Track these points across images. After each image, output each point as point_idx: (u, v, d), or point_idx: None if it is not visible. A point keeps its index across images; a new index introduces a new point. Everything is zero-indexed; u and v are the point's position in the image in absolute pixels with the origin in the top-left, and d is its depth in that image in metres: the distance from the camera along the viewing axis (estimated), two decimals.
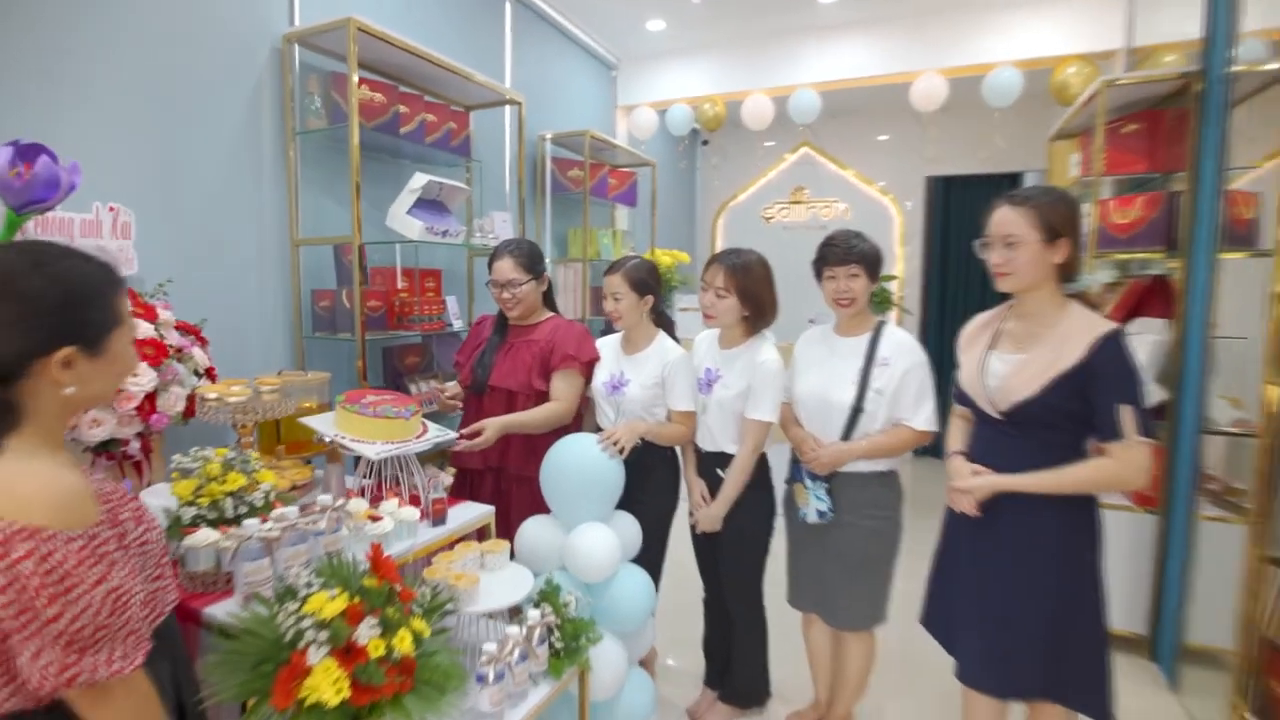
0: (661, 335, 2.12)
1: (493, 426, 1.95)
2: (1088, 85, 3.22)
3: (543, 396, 2.10)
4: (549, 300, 2.25)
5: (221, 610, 1.31)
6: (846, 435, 1.89)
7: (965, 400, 1.65)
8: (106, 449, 1.60)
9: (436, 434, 1.90)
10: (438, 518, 1.75)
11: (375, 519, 1.54)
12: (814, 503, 1.95)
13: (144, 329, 1.65)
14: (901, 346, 1.89)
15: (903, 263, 5.45)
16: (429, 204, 2.60)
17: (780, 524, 2.10)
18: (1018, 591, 1.51)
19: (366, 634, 1.19)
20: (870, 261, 1.88)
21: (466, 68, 2.62)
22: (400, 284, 2.45)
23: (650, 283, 2.05)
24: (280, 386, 1.83)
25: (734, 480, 1.98)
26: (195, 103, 1.98)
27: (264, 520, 1.39)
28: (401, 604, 1.31)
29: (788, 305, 2.11)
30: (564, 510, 1.93)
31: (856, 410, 1.88)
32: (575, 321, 2.20)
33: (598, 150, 3.94)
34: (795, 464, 2.02)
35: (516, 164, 2.99)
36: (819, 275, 1.96)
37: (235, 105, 2.10)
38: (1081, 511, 1.51)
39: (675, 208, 5.68)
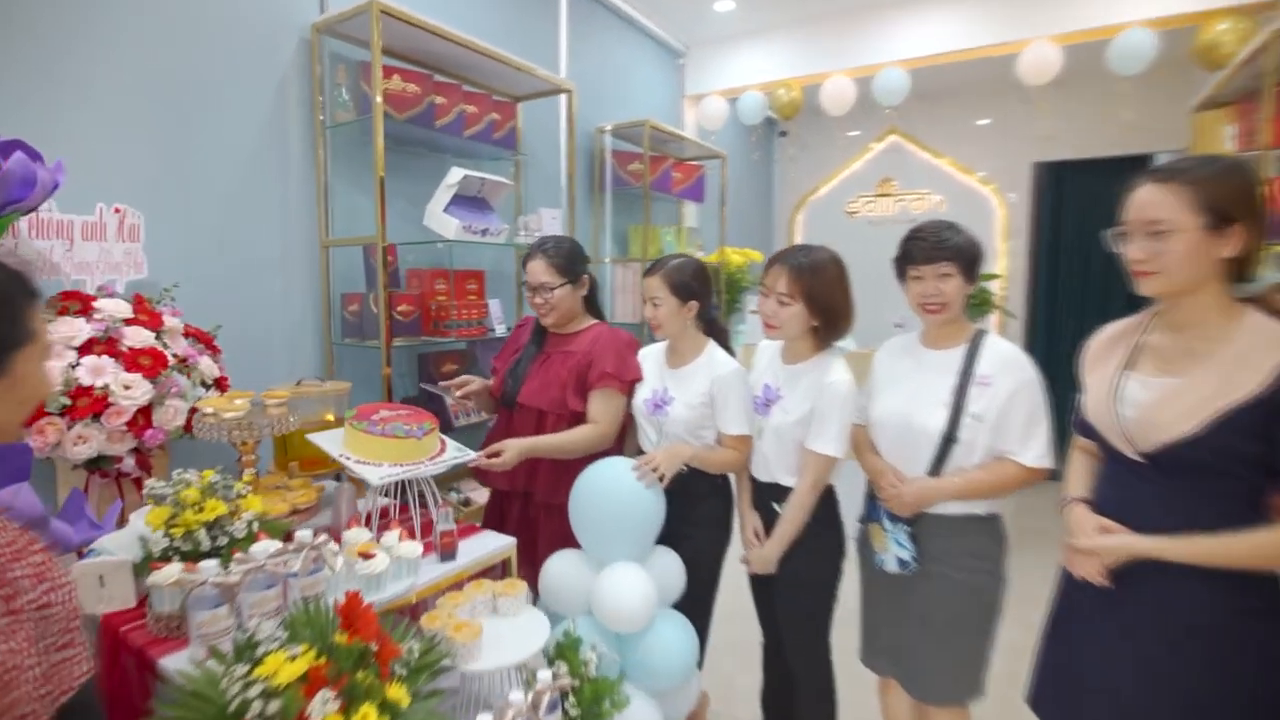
0: (711, 346, 1.83)
1: (513, 449, 1.73)
2: (1244, 44, 2.67)
3: (578, 417, 1.87)
4: (593, 306, 2.01)
5: (179, 661, 1.14)
6: (936, 470, 1.55)
7: (1090, 433, 1.28)
8: (98, 466, 1.49)
9: (454, 454, 1.70)
10: (446, 552, 1.55)
11: (367, 556, 1.35)
12: (893, 549, 1.61)
13: (143, 337, 1.54)
14: (1006, 362, 1.53)
15: (1005, 260, 4.88)
16: (469, 201, 2.43)
17: (853, 567, 1.77)
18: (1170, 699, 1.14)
19: (320, 710, 0.99)
20: (965, 258, 1.53)
21: (510, 55, 2.43)
22: (438, 286, 2.28)
23: (694, 286, 1.77)
24: (287, 399, 1.68)
25: (790, 519, 1.67)
26: (216, 98, 1.88)
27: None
28: (380, 665, 1.10)
29: (875, 311, 1.78)
30: (594, 546, 1.68)
31: (948, 439, 1.52)
32: (620, 331, 1.95)
33: (661, 142, 3.69)
34: (871, 500, 1.69)
35: (562, 156, 2.78)
36: (902, 275, 1.63)
37: (260, 99, 1.99)
38: (1259, 591, 1.11)
39: (749, 203, 5.33)
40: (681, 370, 1.83)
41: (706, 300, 1.81)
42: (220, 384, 1.74)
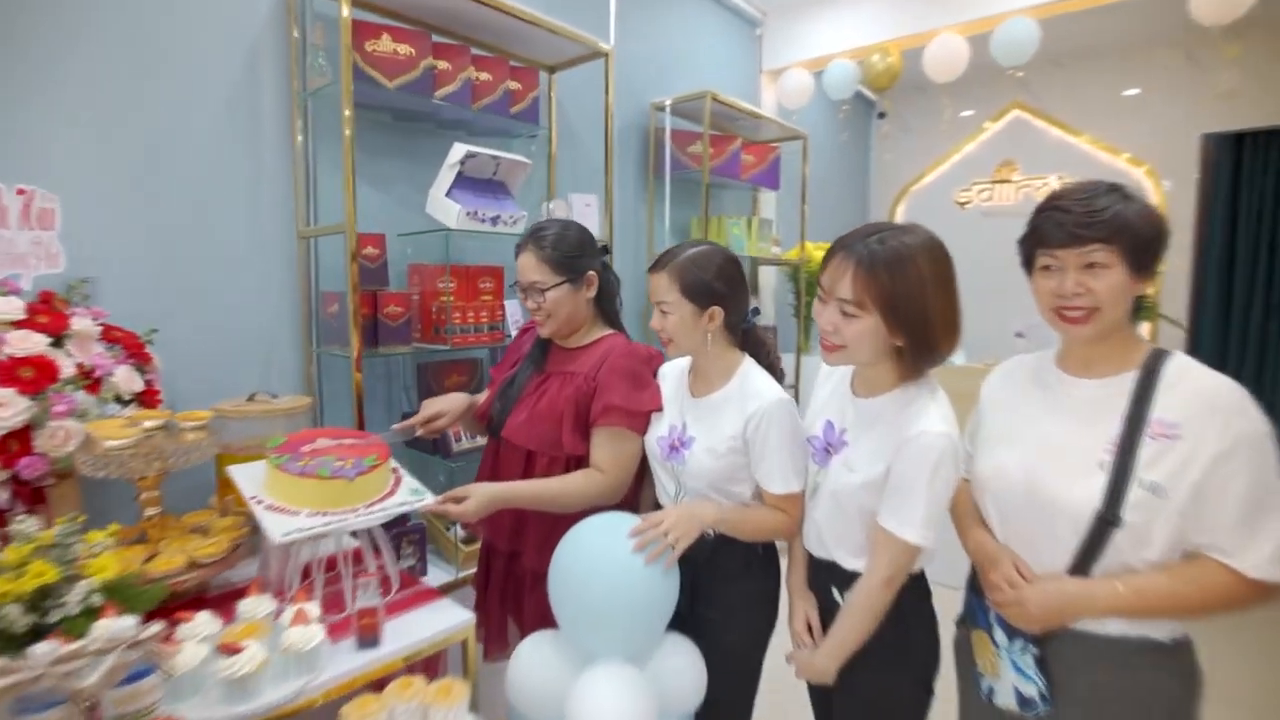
0: (747, 367, 1.35)
1: (479, 496, 1.32)
2: None
3: (579, 462, 1.44)
4: (607, 312, 1.57)
5: None
6: (1084, 565, 1.00)
7: None
8: None
9: (405, 498, 1.31)
10: (365, 638, 1.16)
11: (231, 650, 0.98)
12: (1010, 675, 1.08)
13: (30, 343, 1.26)
14: (1209, 402, 0.96)
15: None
16: (480, 184, 2.06)
17: (947, 687, 1.24)
18: None
19: None
20: (1134, 237, 0.97)
21: (533, 11, 2.04)
22: (441, 285, 1.93)
23: (717, 286, 1.29)
24: (208, 422, 1.36)
25: (851, 625, 1.15)
26: (172, 62, 1.60)
27: (67, 641, 0.89)
28: None
29: (992, 319, 1.25)
30: (577, 633, 1.25)
31: (1106, 521, 0.97)
32: (637, 345, 1.50)
33: (728, 119, 3.20)
34: (976, 595, 1.16)
35: (604, 133, 2.36)
36: (1029, 264, 1.09)
37: (226, 64, 1.70)
38: None
39: (837, 191, 4.71)
40: (706, 401, 1.35)
41: (737, 305, 1.33)
42: (146, 399, 1.44)
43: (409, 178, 2.07)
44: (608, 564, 1.20)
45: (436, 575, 1.95)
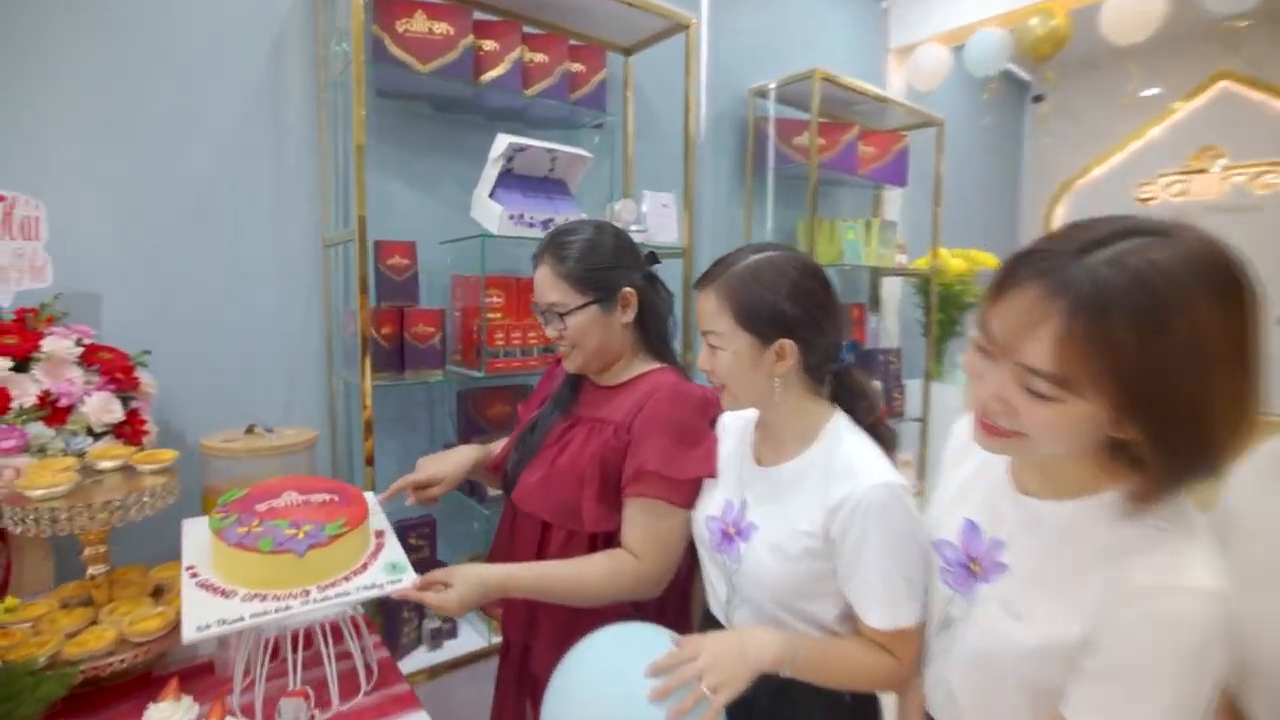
0: (839, 429, 0.94)
1: (465, 582, 1.00)
2: None
3: (606, 539, 1.10)
4: (653, 340, 1.20)
5: None
6: None
7: None
8: None
9: (374, 580, 1.02)
10: None
11: None
12: None
13: None
14: None
15: None
16: (532, 183, 1.78)
17: None
18: None
19: None
20: None
21: None
22: (490, 298, 1.66)
23: (787, 311, 0.90)
24: (170, 464, 1.15)
25: None
26: (185, 55, 1.44)
27: None
28: None
29: None
30: None
31: None
32: (688, 386, 1.13)
33: (842, 104, 2.72)
34: None
35: (686, 121, 2.00)
36: None
37: (247, 56, 1.52)
38: None
39: (979, 188, 4.02)
40: (775, 473, 0.96)
41: (820, 337, 0.92)
42: (128, 431, 1.27)
43: (455, 177, 1.82)
44: (614, 713, 0.83)
45: (468, 639, 1.68)
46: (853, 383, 0.99)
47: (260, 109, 1.54)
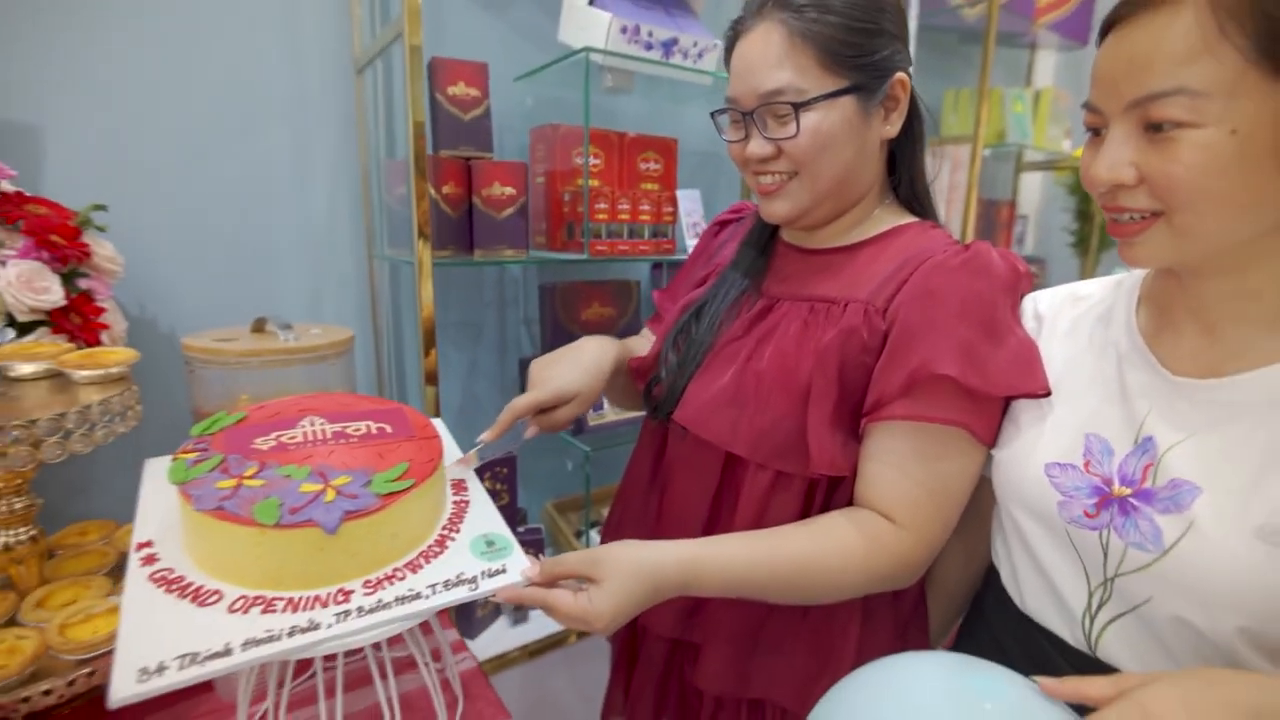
0: None
1: (620, 582, 0.55)
2: None
3: (831, 489, 0.65)
4: (909, 183, 0.72)
5: None
6: None
7: None
8: None
9: (459, 570, 0.58)
10: None
11: None
12: None
13: None
14: None
15: None
16: None
17: None
18: None
19: None
20: None
21: None
22: (577, 161, 1.17)
23: None
24: (127, 368, 0.72)
25: None
26: None
27: None
28: None
29: None
30: None
31: None
32: (985, 248, 0.63)
33: None
34: None
35: None
36: None
37: None
38: None
39: None
40: (1232, 386, 0.49)
41: None
42: (75, 328, 0.84)
43: None
44: None
45: (544, 621, 1.27)
46: None
47: None
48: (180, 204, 1.04)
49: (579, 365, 0.73)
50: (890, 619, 0.70)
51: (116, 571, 0.74)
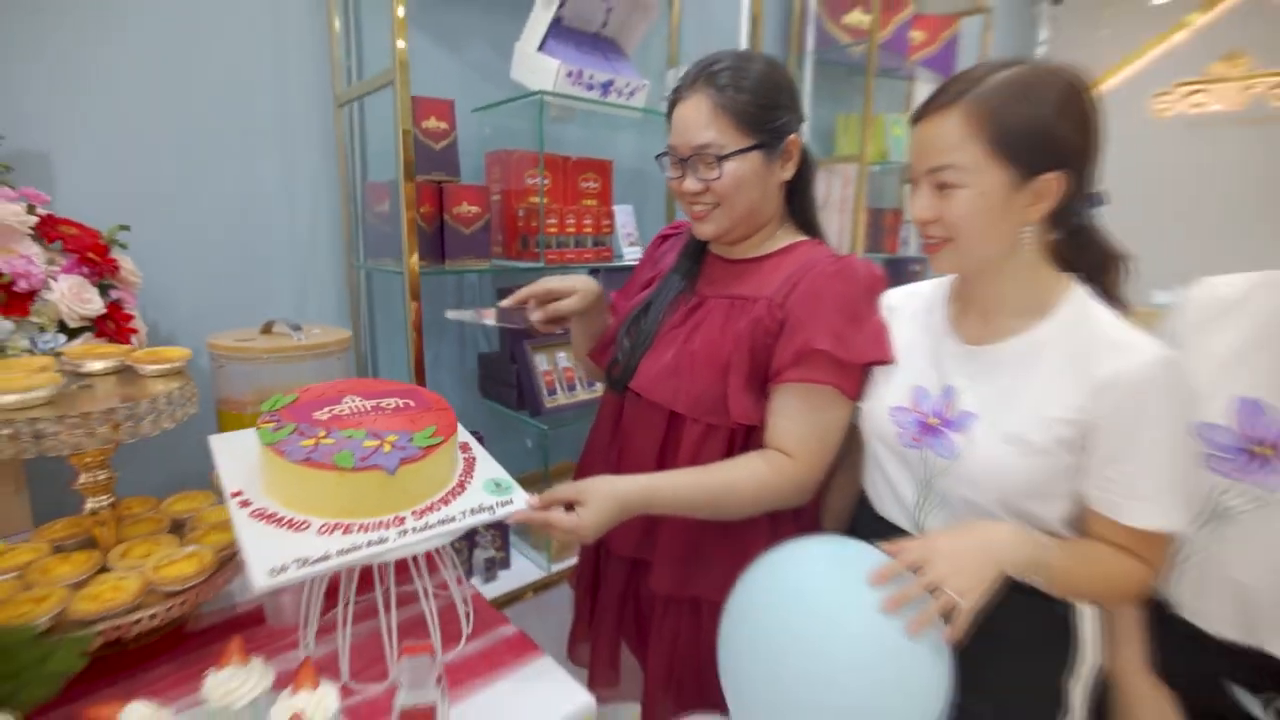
0: (1075, 294, 0.75)
1: (601, 498, 0.78)
2: None
3: (746, 435, 0.90)
4: (802, 208, 0.98)
5: None
6: None
7: None
8: None
9: (479, 501, 0.79)
10: None
11: None
12: None
13: None
14: None
15: None
16: (584, 40, 1.47)
17: None
18: None
19: None
20: None
21: None
22: (535, 180, 1.38)
23: (1066, 138, 0.70)
24: (182, 365, 0.88)
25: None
26: None
27: None
28: None
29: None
30: None
31: None
32: (852, 260, 0.90)
33: None
34: None
35: None
36: None
37: None
38: None
39: None
40: (994, 351, 0.77)
41: (1089, 174, 0.71)
42: (111, 331, 0.98)
43: (485, 33, 1.49)
44: (838, 636, 0.65)
45: (523, 570, 1.48)
46: (1099, 242, 0.78)
47: None
48: (181, 221, 1.17)
49: (581, 276, 0.98)
50: (793, 532, 0.96)
51: (175, 532, 0.90)
